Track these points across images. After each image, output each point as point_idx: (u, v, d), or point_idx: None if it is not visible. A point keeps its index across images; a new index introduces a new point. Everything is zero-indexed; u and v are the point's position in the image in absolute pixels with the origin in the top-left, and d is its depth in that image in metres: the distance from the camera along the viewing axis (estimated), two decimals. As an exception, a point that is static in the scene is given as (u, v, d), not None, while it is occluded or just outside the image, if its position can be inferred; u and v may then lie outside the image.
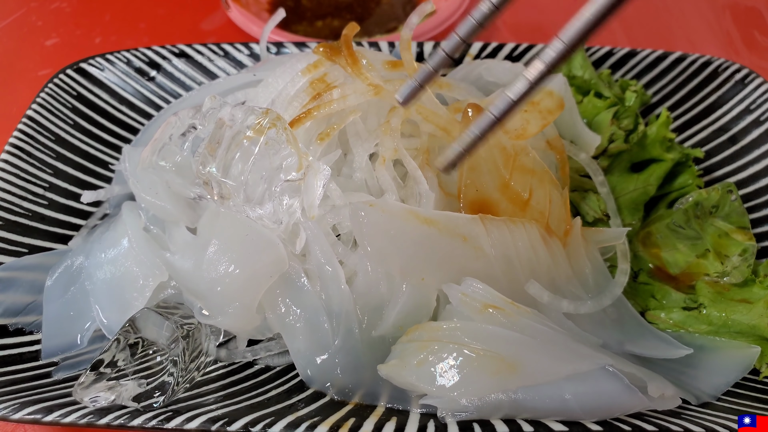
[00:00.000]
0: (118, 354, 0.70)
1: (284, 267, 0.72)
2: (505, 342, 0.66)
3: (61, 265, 0.83)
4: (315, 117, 0.75)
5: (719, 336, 0.76)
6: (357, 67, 0.78)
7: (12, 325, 0.80)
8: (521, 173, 0.77)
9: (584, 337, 0.73)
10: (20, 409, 0.65)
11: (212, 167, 0.72)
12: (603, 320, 0.76)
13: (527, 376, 0.64)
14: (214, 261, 0.71)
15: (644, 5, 1.52)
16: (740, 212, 0.82)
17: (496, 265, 0.71)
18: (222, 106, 0.75)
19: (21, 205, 0.89)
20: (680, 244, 0.84)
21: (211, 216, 0.76)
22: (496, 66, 0.97)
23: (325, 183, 0.70)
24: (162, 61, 1.09)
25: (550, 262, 0.74)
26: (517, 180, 0.76)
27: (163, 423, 0.63)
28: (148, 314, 0.72)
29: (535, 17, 1.50)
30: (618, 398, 0.64)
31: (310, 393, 0.72)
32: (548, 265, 0.74)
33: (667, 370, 0.74)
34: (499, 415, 0.65)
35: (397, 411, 0.69)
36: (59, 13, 1.49)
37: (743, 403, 0.71)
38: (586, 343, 0.70)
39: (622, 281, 0.78)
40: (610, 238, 0.81)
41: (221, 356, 0.79)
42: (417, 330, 0.69)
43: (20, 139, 0.92)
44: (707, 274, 0.81)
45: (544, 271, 0.74)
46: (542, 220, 0.76)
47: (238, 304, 0.71)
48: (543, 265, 0.74)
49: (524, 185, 0.76)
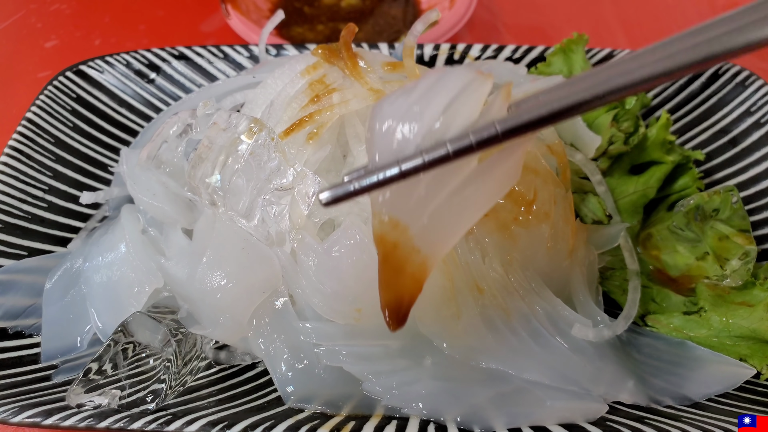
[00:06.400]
0: (111, 359, 0.70)
1: (278, 283, 0.72)
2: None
3: (60, 267, 0.83)
4: (317, 121, 0.75)
5: (720, 339, 0.76)
6: (356, 70, 0.78)
7: (11, 328, 0.79)
8: (525, 173, 0.77)
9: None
10: (20, 413, 0.65)
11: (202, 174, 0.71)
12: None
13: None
14: (208, 272, 0.72)
15: (644, 6, 1.52)
16: (741, 215, 0.82)
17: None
18: (216, 111, 0.75)
19: (20, 208, 0.89)
20: (680, 246, 0.84)
21: (208, 221, 0.75)
22: (498, 67, 0.97)
23: (315, 192, 0.70)
24: (161, 63, 1.09)
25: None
26: (520, 180, 0.76)
27: (162, 426, 0.63)
28: (140, 318, 0.72)
29: (535, 19, 1.50)
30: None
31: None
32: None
33: (656, 369, 0.75)
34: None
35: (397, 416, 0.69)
36: (59, 15, 1.49)
37: (743, 406, 0.71)
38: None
39: (636, 298, 0.79)
40: (609, 235, 0.81)
41: (221, 358, 0.79)
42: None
43: (19, 142, 0.92)
44: (707, 277, 0.80)
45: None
46: (547, 221, 0.75)
47: (230, 315, 0.71)
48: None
49: (528, 186, 0.76)
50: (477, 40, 1.25)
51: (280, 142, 0.71)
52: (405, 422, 0.67)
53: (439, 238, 0.53)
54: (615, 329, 0.75)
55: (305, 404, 0.69)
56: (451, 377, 0.69)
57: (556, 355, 0.70)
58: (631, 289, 0.81)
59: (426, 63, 1.10)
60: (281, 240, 0.71)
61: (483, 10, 1.49)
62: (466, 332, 0.69)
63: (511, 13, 1.51)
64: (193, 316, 0.75)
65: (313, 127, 0.76)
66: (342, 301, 0.69)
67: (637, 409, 0.70)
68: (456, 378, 0.69)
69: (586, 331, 0.72)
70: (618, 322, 0.76)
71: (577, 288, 0.79)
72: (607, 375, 0.70)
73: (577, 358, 0.70)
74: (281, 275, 0.71)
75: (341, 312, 0.70)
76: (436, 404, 0.67)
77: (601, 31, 1.45)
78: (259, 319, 0.72)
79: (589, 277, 0.82)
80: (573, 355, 0.70)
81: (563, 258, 0.78)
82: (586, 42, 1.03)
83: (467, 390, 0.68)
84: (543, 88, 0.49)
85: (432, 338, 0.69)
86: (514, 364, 0.69)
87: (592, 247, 0.83)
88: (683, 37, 0.43)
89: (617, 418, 0.68)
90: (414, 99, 0.50)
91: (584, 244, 0.82)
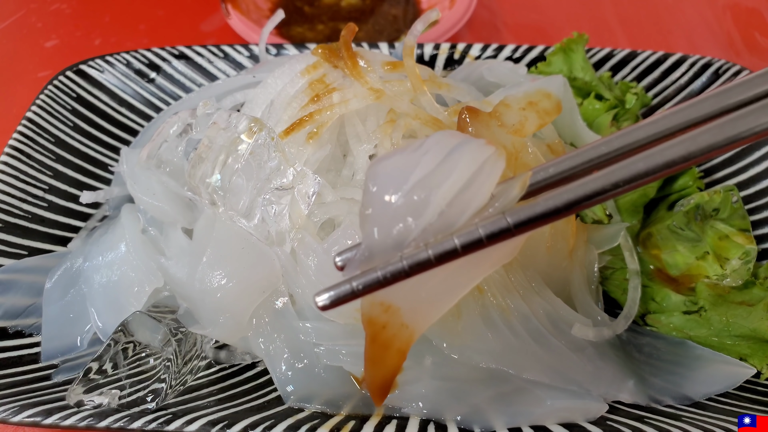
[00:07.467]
0: (111, 358, 0.70)
1: (278, 283, 0.71)
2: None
3: (60, 267, 0.83)
4: (317, 121, 0.75)
5: (720, 339, 0.76)
6: (356, 70, 0.78)
7: (12, 328, 0.79)
8: (524, 171, 0.77)
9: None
10: (20, 412, 0.65)
11: (202, 174, 0.71)
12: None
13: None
14: (208, 272, 0.72)
15: (644, 6, 1.52)
16: (741, 215, 0.82)
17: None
18: (216, 110, 0.75)
19: (20, 207, 0.89)
20: (680, 245, 0.84)
21: (208, 221, 0.75)
22: (498, 66, 0.97)
23: (315, 192, 0.70)
24: (162, 62, 1.09)
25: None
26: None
27: (162, 426, 0.63)
28: (140, 317, 0.72)
29: (535, 18, 1.50)
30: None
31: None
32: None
33: (656, 369, 0.75)
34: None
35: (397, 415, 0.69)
36: (59, 15, 1.49)
37: (743, 405, 0.71)
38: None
39: (636, 297, 0.79)
40: (609, 235, 0.81)
41: (221, 358, 0.79)
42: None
43: (20, 141, 0.92)
44: (707, 277, 0.80)
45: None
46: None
47: (229, 315, 0.71)
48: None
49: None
50: (477, 40, 1.25)
51: (280, 142, 0.71)
52: (405, 422, 0.67)
53: (429, 314, 0.52)
54: (615, 329, 0.75)
55: (305, 404, 0.69)
56: (451, 377, 0.69)
57: (556, 354, 0.70)
58: (631, 289, 0.81)
59: (426, 62, 1.10)
60: (281, 240, 0.71)
61: (483, 10, 1.49)
62: (466, 332, 0.69)
63: (511, 12, 1.50)
64: (193, 315, 0.75)
65: (313, 127, 0.76)
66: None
67: (637, 409, 0.70)
68: (456, 378, 0.68)
69: (586, 331, 0.72)
70: (618, 322, 0.76)
71: (577, 288, 0.79)
72: (607, 374, 0.70)
73: (577, 357, 0.70)
74: (281, 275, 0.71)
75: (341, 312, 0.69)
76: (436, 404, 0.67)
77: (601, 31, 1.45)
78: (259, 318, 0.72)
79: (589, 276, 0.82)
80: (573, 355, 0.70)
81: (563, 257, 0.78)
82: (586, 41, 1.03)
83: (467, 390, 0.68)
84: (553, 162, 0.46)
85: (432, 338, 0.69)
86: (514, 363, 0.69)
87: (592, 246, 0.83)
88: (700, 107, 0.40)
89: (617, 417, 0.68)
90: (421, 175, 0.46)
91: (584, 244, 0.82)
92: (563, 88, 0.86)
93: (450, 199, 0.45)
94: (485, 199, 0.46)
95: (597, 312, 0.78)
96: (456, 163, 0.46)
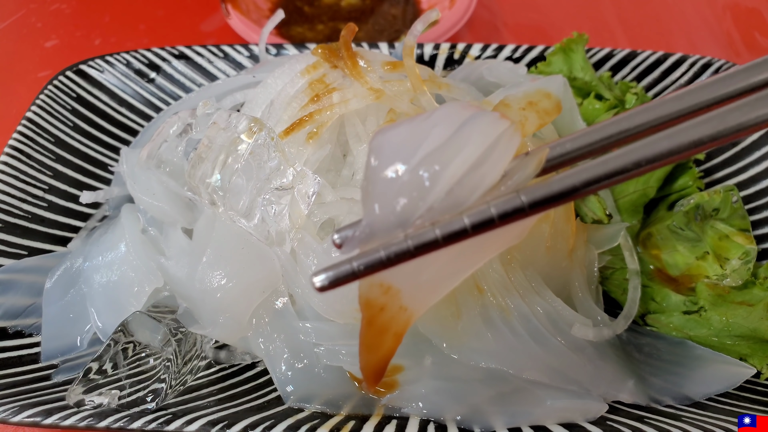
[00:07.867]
0: (111, 358, 0.70)
1: (278, 283, 0.72)
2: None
3: (60, 267, 0.83)
4: (317, 121, 0.75)
5: (720, 339, 0.76)
6: (356, 70, 0.78)
7: (11, 328, 0.79)
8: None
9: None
10: (20, 412, 0.65)
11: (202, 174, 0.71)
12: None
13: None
14: (208, 272, 0.72)
15: (644, 6, 1.52)
16: (741, 215, 0.82)
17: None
18: (215, 110, 0.75)
19: (20, 207, 0.89)
20: (680, 245, 0.84)
21: (208, 221, 0.75)
22: (498, 66, 0.97)
23: (315, 192, 0.70)
24: (161, 62, 1.09)
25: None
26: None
27: (162, 426, 0.63)
28: (140, 317, 0.72)
29: (535, 18, 1.50)
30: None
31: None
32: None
33: (656, 369, 0.75)
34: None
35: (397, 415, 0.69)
36: (59, 15, 1.49)
37: (743, 405, 0.71)
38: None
39: (636, 297, 0.79)
40: (609, 235, 0.81)
41: (221, 358, 0.79)
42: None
43: (20, 141, 0.92)
44: (707, 277, 0.80)
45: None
46: (547, 220, 0.75)
47: (229, 315, 0.71)
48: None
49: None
50: (477, 40, 1.25)
51: (279, 142, 0.71)
52: (405, 422, 0.67)
53: (429, 297, 0.49)
54: (615, 329, 0.75)
55: (305, 404, 0.69)
56: (451, 377, 0.69)
57: (556, 354, 0.70)
58: (631, 289, 0.81)
59: (426, 62, 1.10)
60: (281, 240, 0.71)
61: (483, 10, 1.49)
62: (465, 332, 0.69)
63: (511, 12, 1.50)
64: (193, 315, 0.75)
65: (313, 127, 0.76)
66: (342, 300, 0.68)
67: (637, 409, 0.70)
68: (456, 378, 0.68)
69: (586, 331, 0.72)
70: (618, 322, 0.76)
71: (577, 287, 0.79)
72: (607, 374, 0.70)
73: (577, 357, 0.70)
74: (281, 275, 0.71)
75: (341, 311, 0.69)
76: (435, 404, 0.67)
77: (601, 31, 1.45)
78: (259, 318, 0.72)
79: (589, 276, 0.82)
80: (573, 355, 0.70)
81: (563, 257, 0.78)
82: (586, 41, 1.03)
83: (467, 389, 0.68)
84: (570, 137, 0.43)
85: (431, 338, 0.69)
86: (514, 363, 0.69)
87: (592, 246, 0.83)
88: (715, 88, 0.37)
89: (617, 417, 0.68)
90: (429, 149, 0.42)
91: (584, 244, 0.82)
92: (563, 88, 0.86)
93: (460, 177, 0.42)
94: (498, 177, 0.43)
95: (597, 312, 0.78)
96: (468, 138, 0.42)
